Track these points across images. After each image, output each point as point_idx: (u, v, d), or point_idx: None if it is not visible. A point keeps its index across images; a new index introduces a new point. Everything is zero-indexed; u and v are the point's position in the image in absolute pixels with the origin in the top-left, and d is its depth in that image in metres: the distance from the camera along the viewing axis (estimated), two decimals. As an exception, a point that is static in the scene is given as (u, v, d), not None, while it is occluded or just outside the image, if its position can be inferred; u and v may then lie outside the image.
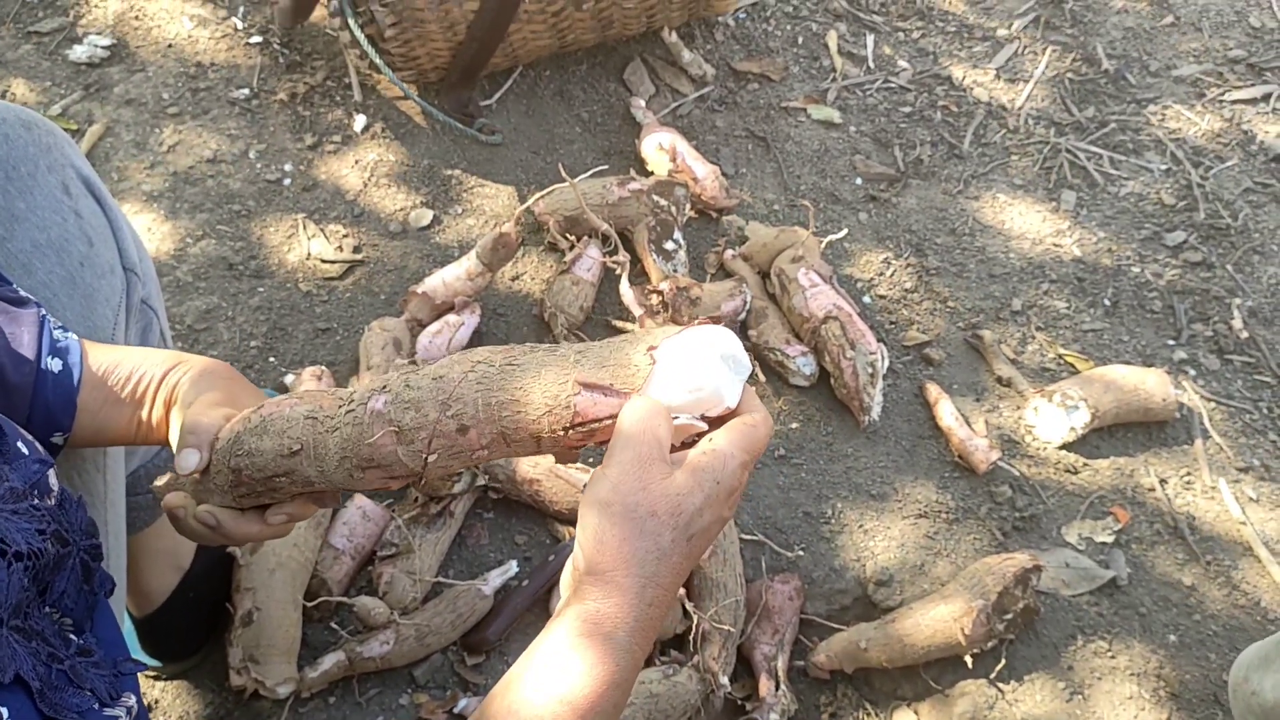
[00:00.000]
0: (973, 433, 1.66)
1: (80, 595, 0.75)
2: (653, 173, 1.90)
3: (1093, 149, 2.08)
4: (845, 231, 1.85)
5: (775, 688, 1.40)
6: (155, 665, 1.38)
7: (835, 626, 1.48)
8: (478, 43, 1.80)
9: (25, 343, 0.84)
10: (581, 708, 0.68)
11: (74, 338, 0.88)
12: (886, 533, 1.59)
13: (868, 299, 1.83)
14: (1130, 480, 1.68)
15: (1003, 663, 1.47)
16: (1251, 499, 1.67)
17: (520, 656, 0.72)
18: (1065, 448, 1.69)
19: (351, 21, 1.76)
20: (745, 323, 1.75)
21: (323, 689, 1.37)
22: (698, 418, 0.74)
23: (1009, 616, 1.43)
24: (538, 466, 1.50)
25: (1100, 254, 1.94)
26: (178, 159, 1.86)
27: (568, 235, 1.75)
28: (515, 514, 1.55)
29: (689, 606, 1.36)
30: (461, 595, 1.42)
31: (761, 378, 1.71)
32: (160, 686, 1.39)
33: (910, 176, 2.01)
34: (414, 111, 1.94)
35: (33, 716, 0.65)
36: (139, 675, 0.80)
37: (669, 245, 1.76)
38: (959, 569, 1.53)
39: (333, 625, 1.41)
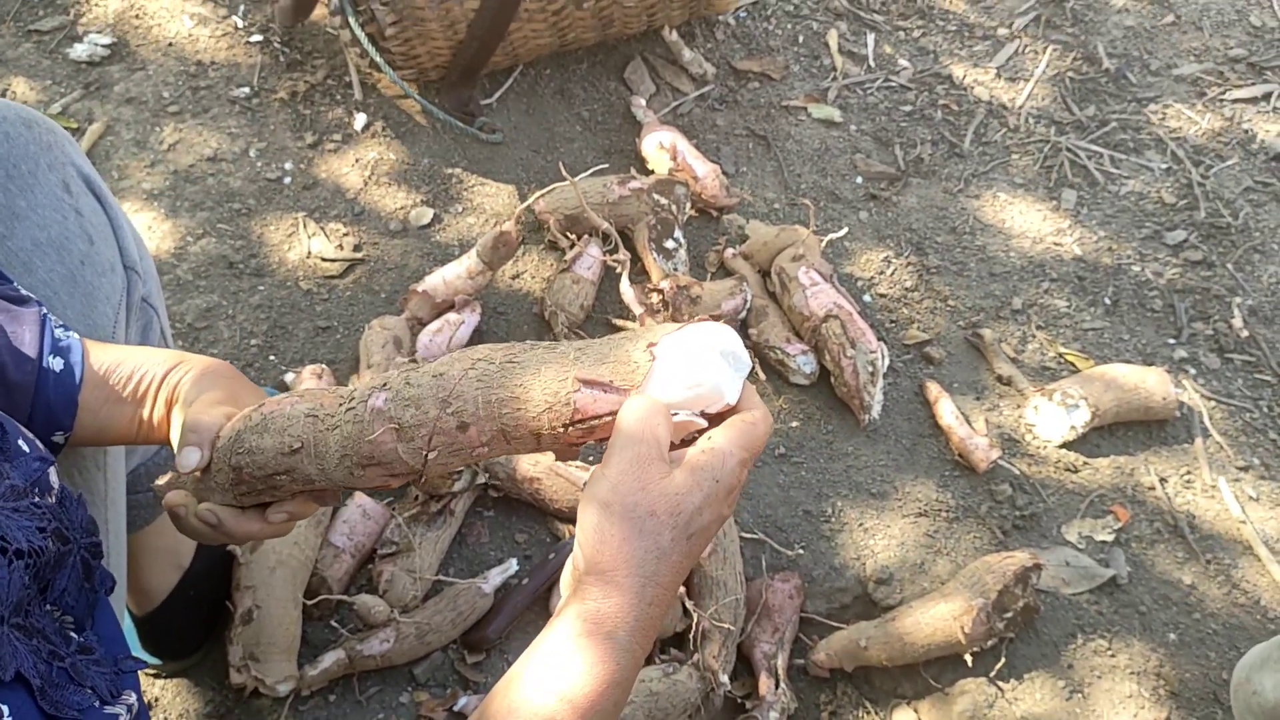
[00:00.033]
0: (973, 431, 1.66)
1: (81, 593, 0.75)
2: (653, 171, 1.90)
3: (1093, 148, 2.08)
4: (846, 230, 1.85)
5: (775, 686, 1.40)
6: (155, 663, 1.38)
7: (835, 625, 1.49)
8: (478, 41, 1.80)
9: (27, 341, 0.84)
10: (582, 706, 0.68)
11: (76, 336, 0.88)
12: (887, 531, 1.59)
13: (868, 298, 1.83)
14: (1130, 479, 1.68)
15: (1003, 661, 1.47)
16: (1251, 498, 1.67)
17: (521, 656, 0.72)
18: (1065, 446, 1.69)
19: (352, 20, 1.76)
20: (746, 321, 1.75)
21: (323, 687, 1.38)
22: (697, 414, 0.74)
23: (1009, 615, 1.43)
24: (538, 465, 1.50)
25: (1101, 253, 1.94)
26: (178, 157, 1.86)
27: (568, 234, 1.75)
28: (515, 512, 1.55)
29: (689, 605, 1.36)
30: (462, 593, 1.42)
31: (762, 376, 1.71)
32: (160, 684, 1.39)
33: (911, 175, 2.01)
34: (414, 110, 1.94)
35: (34, 714, 0.65)
36: (139, 673, 0.80)
37: (669, 244, 1.76)
38: (959, 567, 1.53)
39: (333, 623, 1.41)
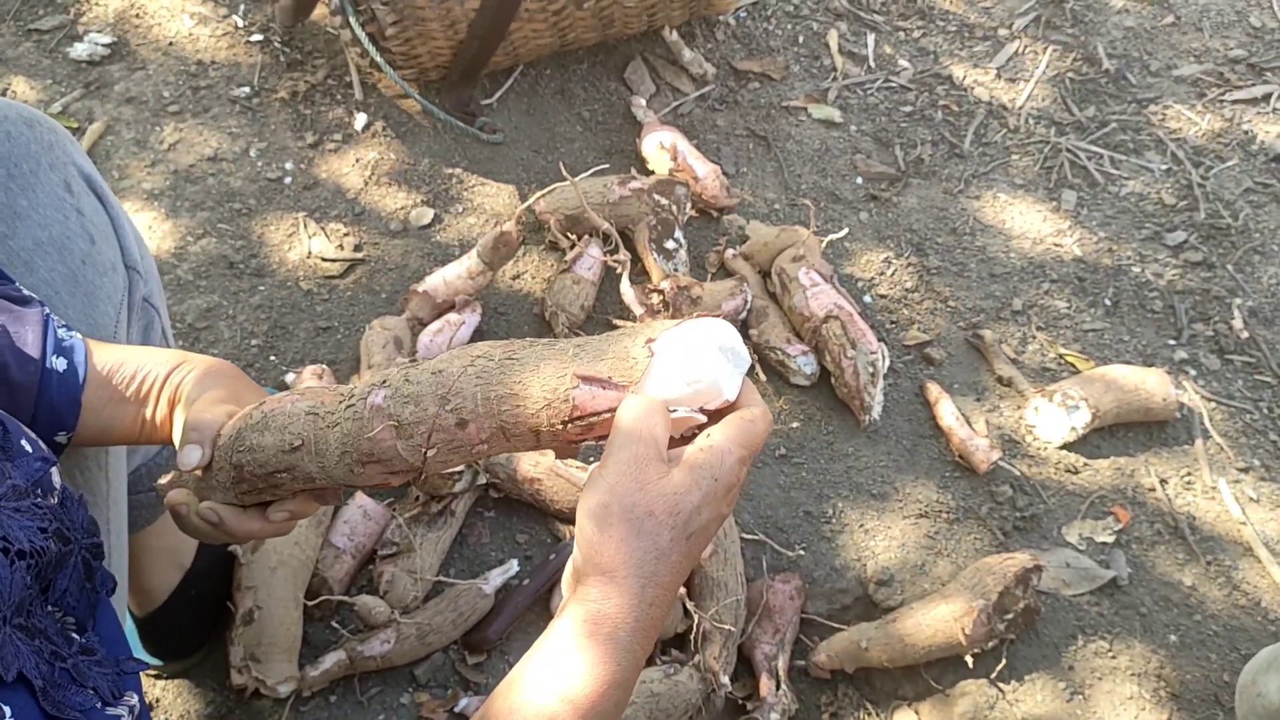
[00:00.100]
0: (973, 432, 1.66)
1: (82, 594, 0.75)
2: (653, 172, 1.90)
3: (1093, 149, 2.08)
4: (846, 231, 1.85)
5: (776, 687, 1.40)
6: (156, 664, 1.38)
7: (836, 626, 1.49)
8: (479, 41, 1.80)
9: (30, 341, 0.84)
10: (583, 707, 0.68)
11: (79, 336, 0.88)
12: (887, 532, 1.59)
13: (868, 298, 1.83)
14: (1131, 480, 1.68)
15: (1003, 663, 1.47)
16: (1252, 499, 1.67)
17: (523, 657, 0.72)
18: (1066, 447, 1.69)
19: (352, 20, 1.75)
20: (746, 322, 1.75)
21: (324, 688, 1.37)
22: (696, 410, 0.74)
23: (1009, 616, 1.43)
24: (539, 465, 1.50)
25: (1101, 254, 1.94)
26: (178, 157, 1.86)
27: (568, 234, 1.75)
28: (516, 513, 1.55)
29: (690, 606, 1.36)
30: (462, 594, 1.42)
31: (762, 377, 1.71)
32: (161, 685, 1.39)
33: (911, 176, 2.01)
34: (415, 110, 1.94)
35: (35, 715, 0.65)
36: (140, 674, 0.79)
37: (670, 244, 1.76)
38: (960, 569, 1.53)
39: (334, 624, 1.41)
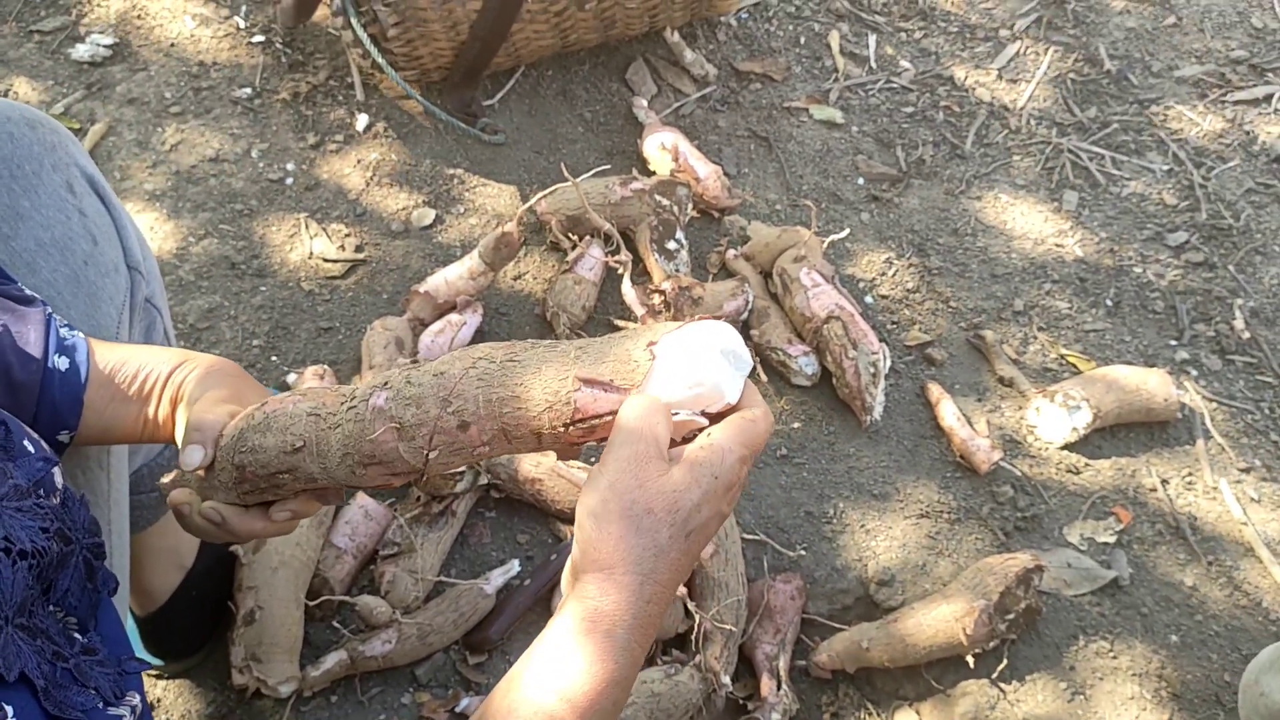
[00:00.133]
0: (975, 433, 1.66)
1: (84, 594, 0.75)
2: (655, 172, 1.90)
3: (1095, 149, 2.08)
4: (847, 231, 1.85)
5: (777, 687, 1.40)
6: (157, 664, 1.38)
7: (837, 626, 1.49)
8: (480, 42, 1.80)
9: (32, 341, 0.84)
10: (581, 705, 0.68)
11: (81, 336, 0.88)
12: (888, 532, 1.59)
13: (870, 299, 1.83)
14: (1132, 480, 1.68)
15: (1004, 663, 1.47)
16: (1253, 499, 1.67)
17: (521, 655, 0.72)
18: (1067, 448, 1.69)
19: (354, 21, 1.76)
20: (747, 322, 1.75)
21: (325, 688, 1.38)
22: (698, 414, 0.74)
23: (1011, 616, 1.43)
24: (540, 465, 1.50)
25: (1102, 254, 1.94)
26: (180, 158, 1.86)
27: (570, 235, 1.75)
28: (517, 513, 1.55)
29: (691, 606, 1.36)
30: (464, 594, 1.42)
31: (764, 377, 1.71)
32: (162, 685, 1.39)
33: (912, 176, 2.01)
34: (416, 111, 1.94)
35: (37, 715, 0.65)
36: (142, 674, 0.80)
37: (671, 245, 1.76)
38: (961, 569, 1.53)
39: (335, 624, 1.41)
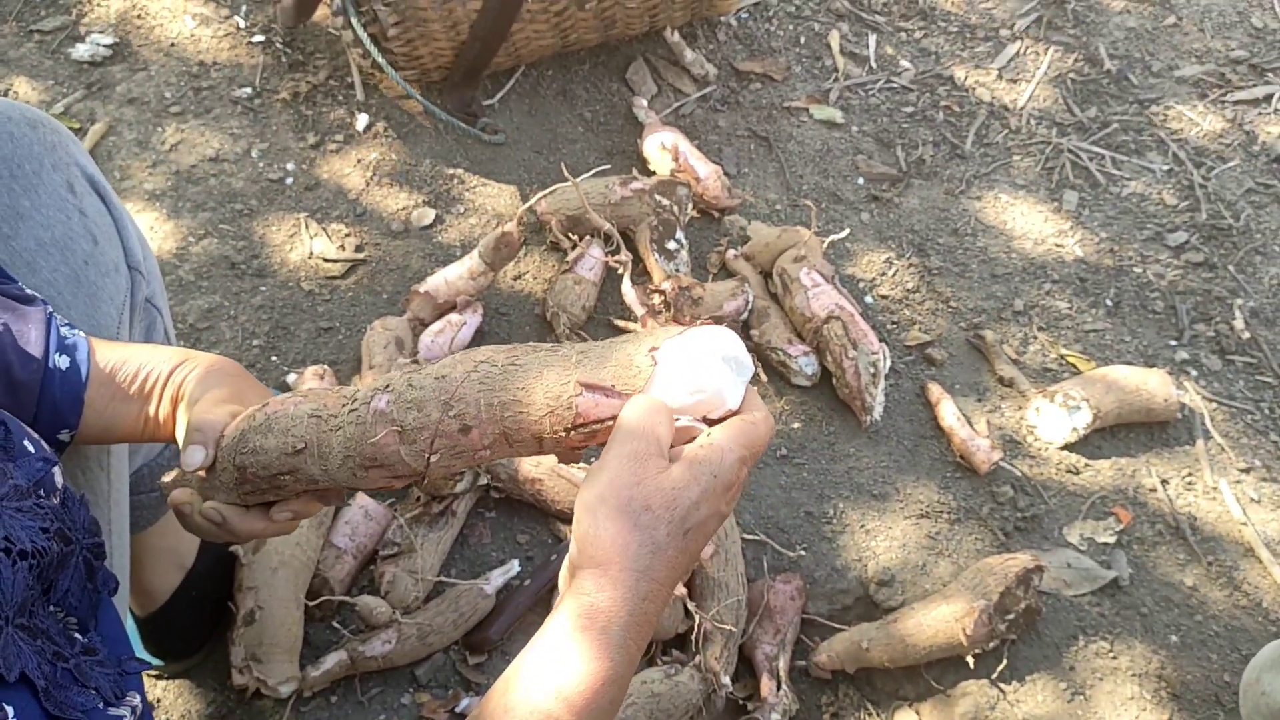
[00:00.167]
0: (974, 433, 1.66)
1: (84, 594, 0.75)
2: (655, 172, 1.90)
3: (1095, 149, 2.08)
4: (847, 231, 1.85)
5: (777, 687, 1.40)
6: (157, 664, 1.38)
7: (837, 626, 1.49)
8: (480, 42, 1.80)
9: (33, 340, 0.84)
10: (577, 704, 0.68)
11: (81, 335, 0.88)
12: (888, 533, 1.59)
13: (870, 299, 1.83)
14: (1132, 481, 1.68)
15: (1004, 663, 1.47)
16: (1253, 500, 1.67)
17: (519, 654, 0.72)
18: (1067, 448, 1.69)
19: (354, 20, 1.76)
20: (747, 322, 1.75)
21: (325, 688, 1.37)
22: (699, 420, 0.74)
23: (1011, 617, 1.43)
24: (540, 466, 1.50)
25: (1102, 254, 1.94)
26: (180, 158, 1.86)
27: (570, 235, 1.75)
28: (517, 513, 1.55)
29: (691, 606, 1.36)
30: (463, 594, 1.42)
31: (764, 377, 1.71)
32: (162, 685, 1.39)
33: (912, 176, 2.01)
34: (416, 111, 1.94)
35: (38, 715, 0.65)
36: (142, 674, 0.80)
37: (671, 245, 1.76)
38: (961, 569, 1.53)
39: (335, 624, 1.41)
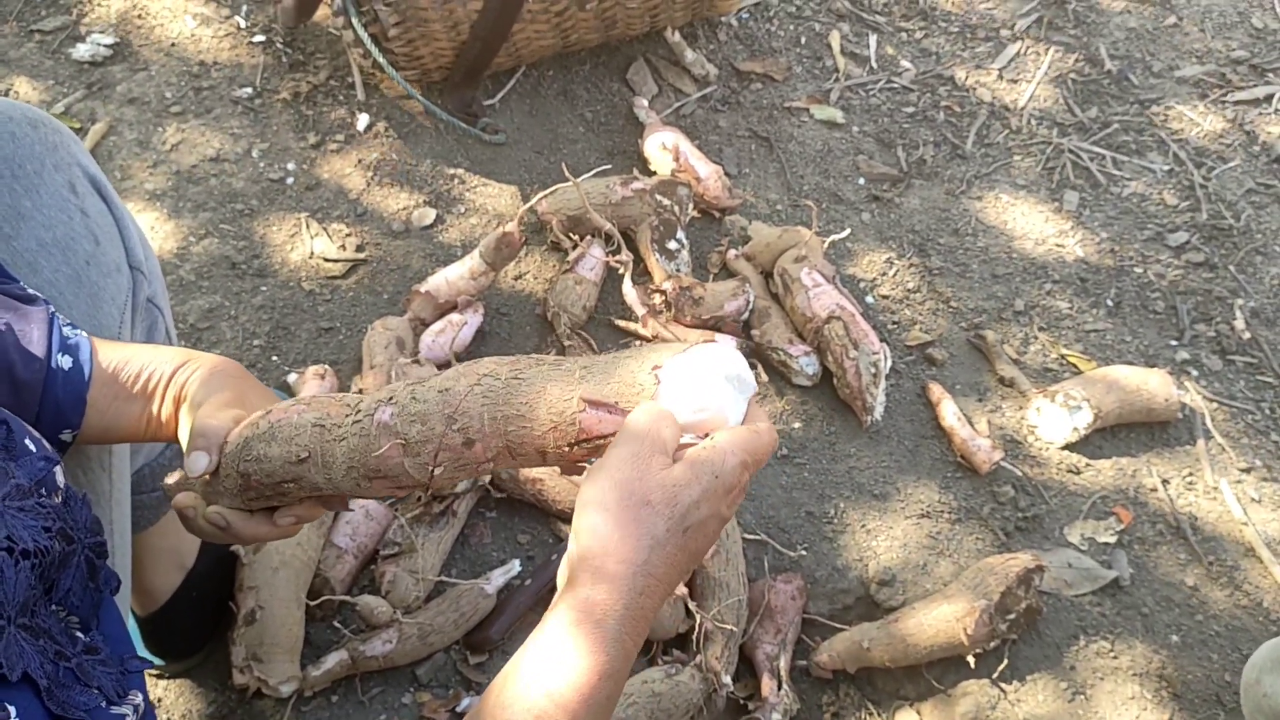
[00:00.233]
0: (975, 433, 1.66)
1: (86, 593, 0.75)
2: (656, 172, 1.90)
3: (1095, 149, 2.08)
4: (848, 231, 1.86)
5: (778, 687, 1.40)
6: (158, 664, 1.38)
7: (838, 626, 1.49)
8: (481, 42, 1.80)
9: (35, 340, 0.84)
10: (573, 701, 0.68)
11: (84, 335, 0.88)
12: (889, 532, 1.59)
13: (870, 299, 1.83)
14: (1132, 481, 1.68)
15: (1005, 663, 1.47)
16: (1254, 499, 1.67)
17: (518, 650, 0.72)
18: (1068, 448, 1.69)
19: (355, 20, 1.76)
20: (748, 322, 1.75)
21: (325, 688, 1.38)
22: (701, 437, 0.75)
23: (1011, 617, 1.43)
24: (541, 466, 1.50)
25: (1103, 254, 1.94)
26: (181, 158, 1.86)
27: (571, 235, 1.75)
28: (518, 513, 1.55)
29: (691, 606, 1.36)
30: (464, 594, 1.42)
31: (764, 377, 1.71)
32: (163, 685, 1.39)
33: (913, 176, 2.01)
34: (417, 111, 1.94)
35: (40, 715, 0.65)
36: (144, 672, 0.80)
37: (672, 245, 1.76)
38: (961, 569, 1.53)
39: (335, 624, 1.41)
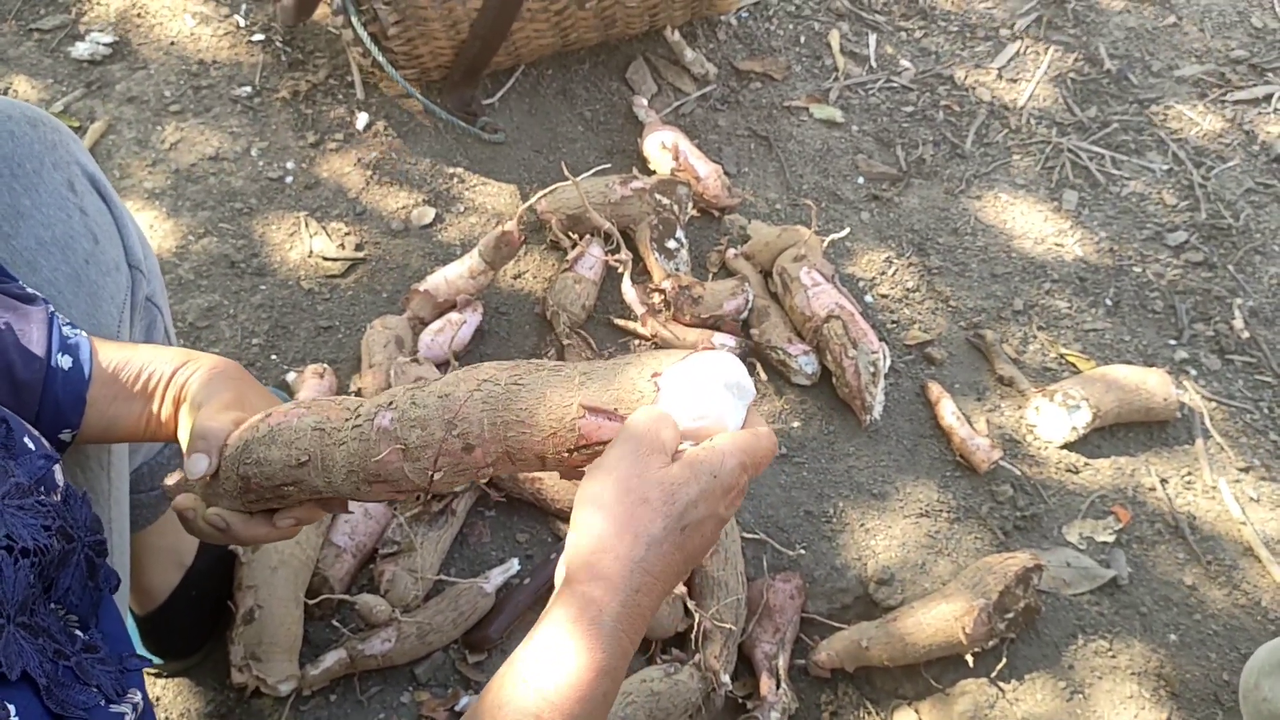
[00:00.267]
0: (974, 432, 1.66)
1: (85, 591, 0.75)
2: (655, 171, 1.90)
3: (1095, 149, 2.08)
4: (847, 231, 1.86)
5: (776, 686, 1.40)
6: (157, 663, 1.38)
7: (836, 625, 1.49)
8: (480, 41, 1.80)
9: (35, 339, 0.84)
10: (569, 698, 0.68)
11: (83, 335, 0.88)
12: (888, 532, 1.59)
13: (870, 298, 1.83)
14: (1131, 480, 1.68)
15: (1003, 662, 1.47)
16: (1252, 499, 1.67)
17: (516, 648, 0.72)
18: (1066, 447, 1.69)
19: (354, 19, 1.76)
20: (747, 321, 1.75)
21: (324, 687, 1.38)
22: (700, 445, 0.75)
23: (1010, 616, 1.44)
24: (540, 465, 1.50)
25: (1102, 254, 1.94)
26: (180, 156, 1.86)
27: (570, 234, 1.75)
28: (517, 512, 1.55)
29: (690, 605, 1.36)
30: (463, 593, 1.42)
31: (763, 377, 1.71)
32: (162, 684, 1.39)
33: (912, 176, 2.01)
34: (416, 110, 1.94)
35: (39, 713, 0.65)
36: (143, 671, 0.80)
37: (671, 244, 1.76)
38: (960, 568, 1.53)
39: (334, 623, 1.41)
